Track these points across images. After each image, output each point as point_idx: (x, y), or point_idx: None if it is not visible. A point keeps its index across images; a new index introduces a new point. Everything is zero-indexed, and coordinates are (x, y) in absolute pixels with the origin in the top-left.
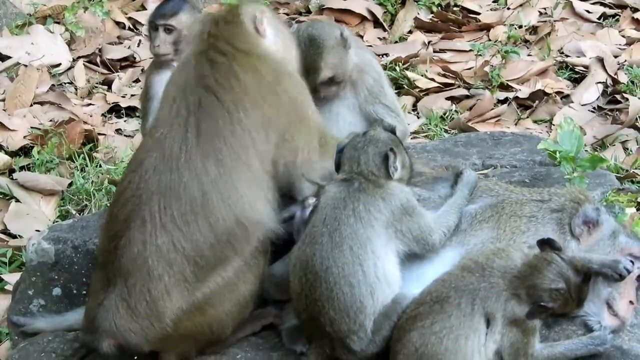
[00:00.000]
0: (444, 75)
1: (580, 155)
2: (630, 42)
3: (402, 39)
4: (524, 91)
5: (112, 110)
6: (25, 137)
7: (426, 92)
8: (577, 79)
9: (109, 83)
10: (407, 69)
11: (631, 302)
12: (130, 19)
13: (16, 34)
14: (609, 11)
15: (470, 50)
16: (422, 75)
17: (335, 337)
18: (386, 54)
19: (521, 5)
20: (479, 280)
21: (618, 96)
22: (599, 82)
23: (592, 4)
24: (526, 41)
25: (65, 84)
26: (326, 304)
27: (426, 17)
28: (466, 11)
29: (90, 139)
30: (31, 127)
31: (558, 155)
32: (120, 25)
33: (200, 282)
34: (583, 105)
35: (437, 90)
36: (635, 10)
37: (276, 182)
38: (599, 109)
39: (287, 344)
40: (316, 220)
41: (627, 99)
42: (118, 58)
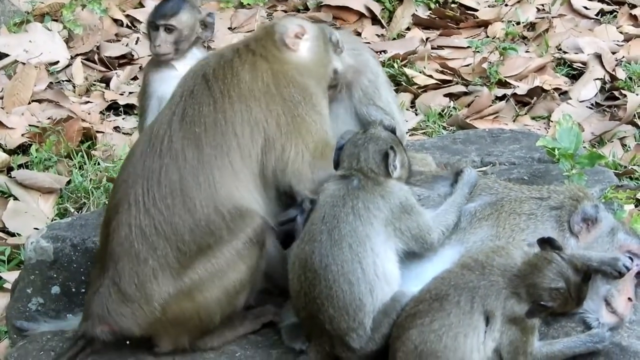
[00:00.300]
0: (442, 72)
1: (578, 152)
2: (628, 38)
3: (400, 35)
4: (522, 88)
5: (110, 107)
6: (23, 135)
7: (424, 88)
8: (575, 75)
9: (107, 81)
10: (405, 66)
11: (630, 299)
12: (128, 16)
13: (14, 31)
14: (606, 7)
15: (468, 47)
16: (420, 72)
17: (334, 334)
18: (384, 51)
19: (519, 1)
20: (478, 278)
21: (616, 92)
22: (597, 79)
23: (590, 0)
24: (524, 38)
25: (63, 81)
26: (325, 301)
27: (424, 13)
28: (464, 8)
29: (89, 137)
30: (29, 125)
31: (557, 152)
32: (118, 22)
33: (185, 268)
34: (581, 101)
35: (435, 87)
36: (633, 6)
37: (266, 181)
38: (597, 105)
39: (286, 341)
40: (315, 218)
41: (625, 96)
42: (116, 55)
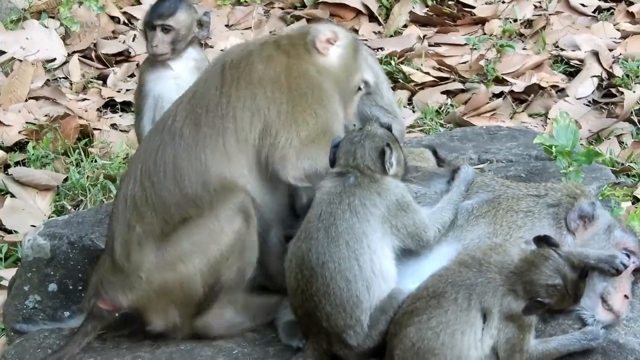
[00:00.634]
0: (439, 69)
1: (576, 150)
2: (625, 35)
3: (397, 33)
4: (519, 85)
5: (107, 105)
6: (20, 132)
7: (421, 86)
8: (572, 72)
9: (104, 78)
10: (402, 63)
11: (626, 296)
12: (125, 13)
13: (11, 29)
14: (603, 4)
15: (465, 44)
16: (417, 69)
17: (331, 332)
18: (381, 48)
19: None
20: (476, 275)
21: (613, 90)
22: (594, 76)
23: None
24: (521, 35)
25: (60, 78)
26: (322, 299)
27: (421, 11)
28: (461, 5)
29: (86, 134)
30: (26, 122)
31: (554, 149)
32: (115, 19)
33: (168, 237)
34: (578, 99)
35: (433, 84)
36: (630, 3)
37: (260, 168)
38: (594, 102)
39: (283, 339)
40: (311, 215)
41: (622, 93)
42: (113, 53)
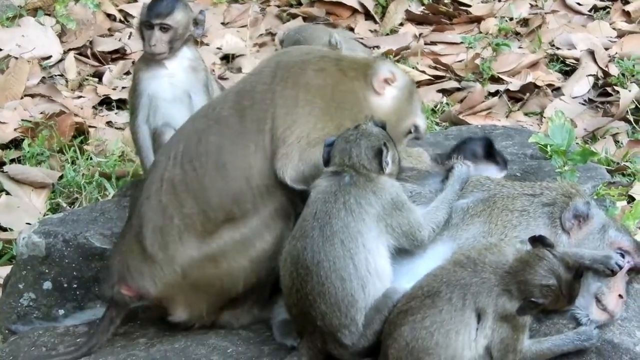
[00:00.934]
0: (435, 68)
1: (571, 149)
2: (621, 34)
3: (393, 31)
4: (514, 84)
5: (102, 102)
6: (15, 129)
7: (417, 84)
8: (568, 71)
9: (99, 75)
10: (398, 62)
11: (620, 296)
12: (121, 11)
13: (7, 26)
14: (599, 3)
15: (461, 43)
16: (413, 68)
17: (326, 331)
18: (377, 47)
19: None
20: (470, 275)
21: (609, 89)
22: (589, 75)
23: None
24: (517, 34)
25: (56, 76)
26: (317, 298)
27: (417, 9)
28: (457, 3)
29: (81, 132)
30: (22, 120)
31: (549, 148)
32: (111, 17)
33: (211, 233)
34: (574, 97)
35: (428, 82)
36: (625, 2)
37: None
38: (590, 101)
39: (278, 338)
40: (307, 214)
41: (617, 92)
42: (109, 50)
